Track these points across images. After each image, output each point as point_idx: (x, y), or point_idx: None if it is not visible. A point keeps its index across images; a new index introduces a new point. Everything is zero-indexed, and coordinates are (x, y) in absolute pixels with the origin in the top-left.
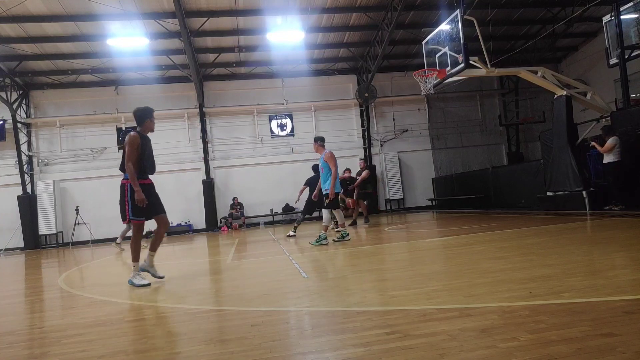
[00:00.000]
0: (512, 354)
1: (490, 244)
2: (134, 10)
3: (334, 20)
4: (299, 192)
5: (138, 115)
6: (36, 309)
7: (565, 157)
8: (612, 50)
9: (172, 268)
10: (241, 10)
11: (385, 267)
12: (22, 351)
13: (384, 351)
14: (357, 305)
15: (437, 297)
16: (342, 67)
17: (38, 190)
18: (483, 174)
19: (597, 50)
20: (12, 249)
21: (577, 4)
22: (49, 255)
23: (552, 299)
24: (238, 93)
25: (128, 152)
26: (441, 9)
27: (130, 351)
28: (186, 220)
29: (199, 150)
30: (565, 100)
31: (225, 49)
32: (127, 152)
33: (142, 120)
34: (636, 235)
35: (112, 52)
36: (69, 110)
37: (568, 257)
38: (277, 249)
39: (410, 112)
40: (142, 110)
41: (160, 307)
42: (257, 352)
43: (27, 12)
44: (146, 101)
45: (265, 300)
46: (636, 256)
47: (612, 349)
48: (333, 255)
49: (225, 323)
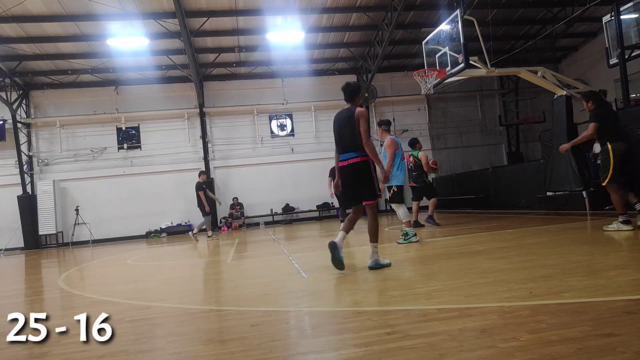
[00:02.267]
0: (512, 354)
1: (490, 244)
2: (134, 10)
3: (334, 20)
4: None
5: (352, 90)
6: (36, 309)
7: (565, 157)
8: (612, 50)
9: (172, 268)
10: (241, 10)
11: (385, 267)
12: (22, 351)
13: (384, 351)
14: (357, 305)
15: (437, 297)
16: (342, 67)
17: (38, 190)
18: (483, 174)
19: (597, 50)
20: (12, 249)
21: (577, 4)
22: (49, 255)
23: (552, 299)
24: (238, 93)
25: (364, 127)
26: (441, 9)
27: (130, 351)
28: (186, 220)
29: (199, 150)
30: (565, 100)
31: (225, 49)
32: (363, 127)
33: (355, 96)
34: (636, 235)
35: (112, 52)
36: (69, 110)
37: (568, 257)
38: (277, 249)
39: (410, 112)
40: (357, 85)
41: (160, 307)
42: (257, 352)
43: (27, 12)
44: (146, 101)
45: (265, 300)
46: (636, 256)
47: (612, 349)
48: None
49: (225, 323)
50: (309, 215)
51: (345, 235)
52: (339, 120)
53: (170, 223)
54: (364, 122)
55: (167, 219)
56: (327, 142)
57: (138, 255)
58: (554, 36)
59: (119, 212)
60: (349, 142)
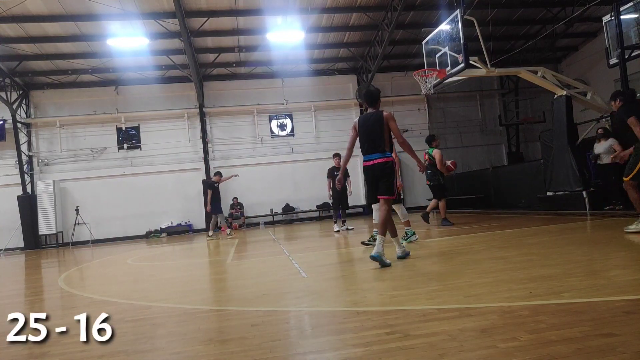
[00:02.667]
0: (512, 354)
1: (490, 244)
2: (134, 10)
3: (334, 20)
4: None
5: (375, 96)
6: (36, 308)
7: (565, 157)
8: (612, 50)
9: (172, 268)
10: (241, 10)
11: (385, 267)
12: (22, 351)
13: (384, 351)
14: (357, 305)
15: (437, 297)
16: (342, 67)
17: (38, 190)
18: (483, 174)
19: (597, 50)
20: (12, 249)
21: (577, 4)
22: (49, 255)
23: (552, 299)
24: (238, 93)
25: (396, 127)
26: (441, 9)
27: (130, 351)
28: (186, 220)
29: (199, 150)
30: (565, 100)
31: (225, 49)
32: (395, 128)
33: (378, 100)
34: (636, 235)
35: (112, 52)
36: (69, 110)
37: (568, 257)
38: (277, 249)
39: (410, 112)
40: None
41: (160, 307)
42: (257, 352)
43: (27, 12)
44: (146, 101)
45: (265, 300)
46: (636, 256)
47: (612, 349)
48: (332, 255)
49: (225, 323)
50: (309, 215)
51: (384, 239)
52: (365, 123)
53: (170, 223)
54: (394, 123)
55: (167, 219)
56: (327, 142)
57: (138, 255)
58: (554, 36)
59: (119, 212)
60: (376, 144)
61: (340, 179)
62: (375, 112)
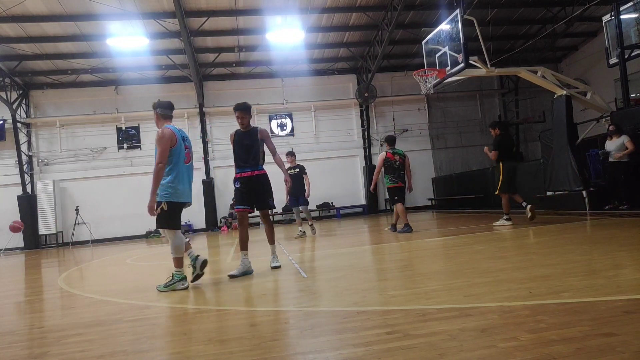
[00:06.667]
0: (512, 353)
1: (490, 244)
2: (134, 10)
3: (333, 20)
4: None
5: (248, 107)
6: (36, 308)
7: (565, 157)
8: (612, 50)
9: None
10: (241, 10)
11: (385, 267)
12: (21, 351)
13: (384, 351)
14: (357, 305)
15: (437, 297)
16: (342, 67)
17: (38, 190)
18: (483, 174)
19: (597, 50)
20: (12, 249)
21: (577, 4)
22: (49, 255)
23: (552, 299)
24: (238, 93)
25: (272, 145)
26: (441, 8)
27: (130, 351)
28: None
29: (198, 150)
30: (565, 100)
31: (225, 49)
32: (271, 145)
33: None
34: (636, 235)
35: (112, 52)
36: (68, 110)
37: (568, 257)
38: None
39: (410, 112)
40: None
41: (160, 307)
42: (256, 352)
43: (27, 12)
44: (146, 101)
45: (265, 300)
46: (636, 256)
47: (612, 349)
48: (332, 255)
49: (224, 323)
50: None
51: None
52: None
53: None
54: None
55: None
56: (327, 141)
57: (138, 255)
58: (553, 36)
59: (119, 212)
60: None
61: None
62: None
